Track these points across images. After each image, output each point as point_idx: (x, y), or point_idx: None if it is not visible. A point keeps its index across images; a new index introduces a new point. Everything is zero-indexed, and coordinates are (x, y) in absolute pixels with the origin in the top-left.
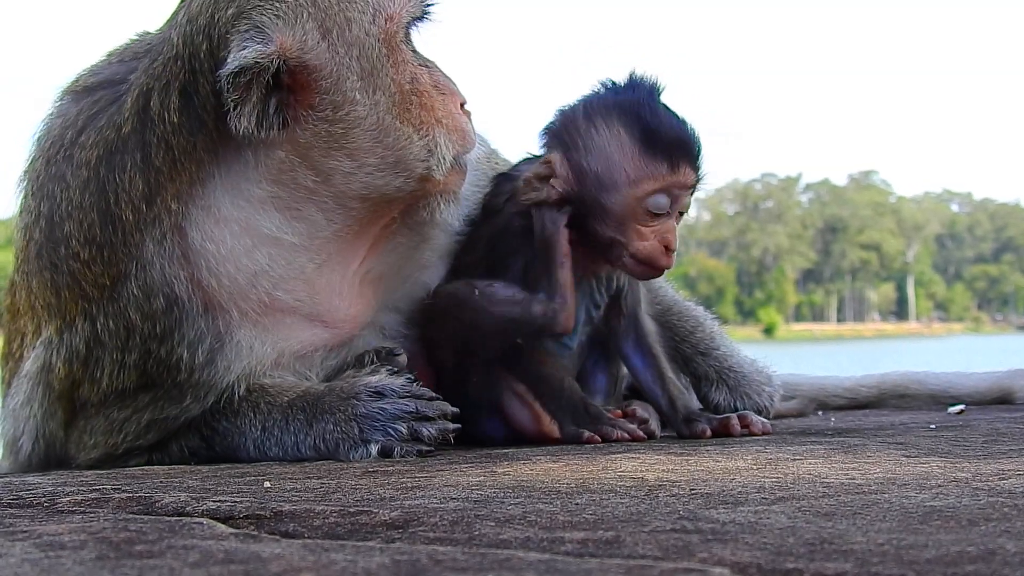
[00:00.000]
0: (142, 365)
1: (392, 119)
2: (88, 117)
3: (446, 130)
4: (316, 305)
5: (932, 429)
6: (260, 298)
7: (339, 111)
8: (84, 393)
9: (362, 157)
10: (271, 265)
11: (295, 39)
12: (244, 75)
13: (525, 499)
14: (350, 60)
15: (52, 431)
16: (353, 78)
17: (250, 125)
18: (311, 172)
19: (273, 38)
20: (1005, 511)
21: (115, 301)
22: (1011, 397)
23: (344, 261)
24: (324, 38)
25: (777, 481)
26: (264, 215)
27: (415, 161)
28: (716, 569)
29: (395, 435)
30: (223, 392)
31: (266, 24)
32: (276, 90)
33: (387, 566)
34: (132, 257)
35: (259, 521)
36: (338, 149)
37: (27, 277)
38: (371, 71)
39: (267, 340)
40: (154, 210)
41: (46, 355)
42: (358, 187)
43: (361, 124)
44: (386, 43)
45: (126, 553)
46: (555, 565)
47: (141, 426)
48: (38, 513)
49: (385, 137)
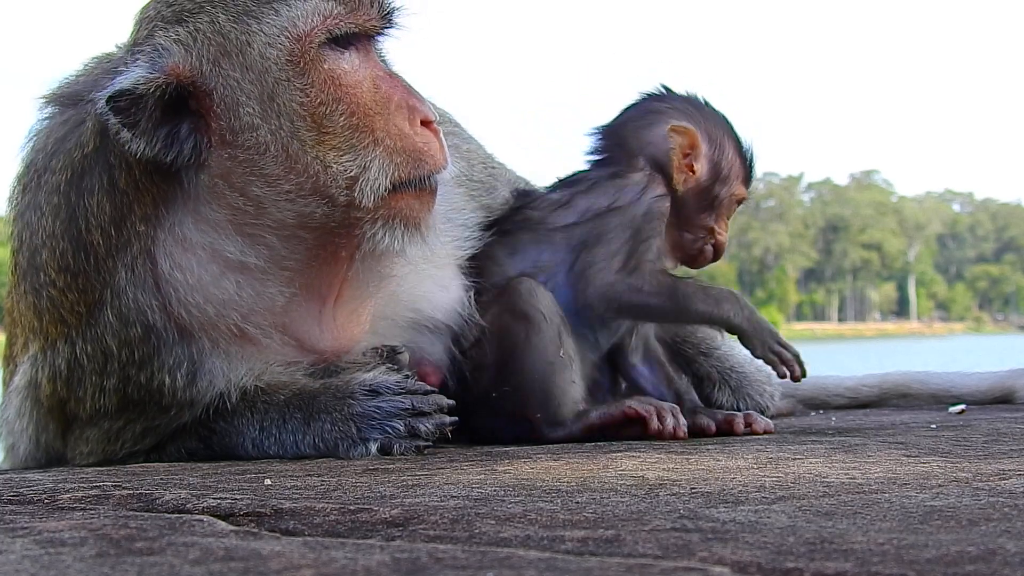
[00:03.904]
0: (122, 389)
1: (300, 144)
2: (57, 140)
3: (385, 152)
4: (292, 334)
5: (933, 429)
6: (229, 328)
7: (239, 136)
8: (72, 408)
9: (277, 183)
10: (239, 294)
11: (189, 64)
12: (122, 98)
13: (525, 497)
14: (247, 84)
15: (48, 441)
16: (251, 103)
17: (150, 148)
18: (241, 197)
19: (164, 63)
20: (1005, 511)
21: (92, 327)
22: (1012, 397)
23: (316, 296)
24: (219, 63)
25: (777, 480)
26: (226, 239)
27: (334, 188)
28: (716, 568)
29: (393, 433)
30: (211, 403)
31: (163, 48)
32: (189, 115)
33: (387, 564)
34: (106, 284)
35: (259, 518)
36: (252, 175)
37: (17, 298)
38: (271, 96)
39: (242, 367)
40: (124, 234)
41: (32, 371)
42: (290, 215)
43: (267, 150)
44: (293, 65)
45: (126, 550)
46: (555, 563)
47: (137, 433)
48: (38, 510)
49: (295, 164)
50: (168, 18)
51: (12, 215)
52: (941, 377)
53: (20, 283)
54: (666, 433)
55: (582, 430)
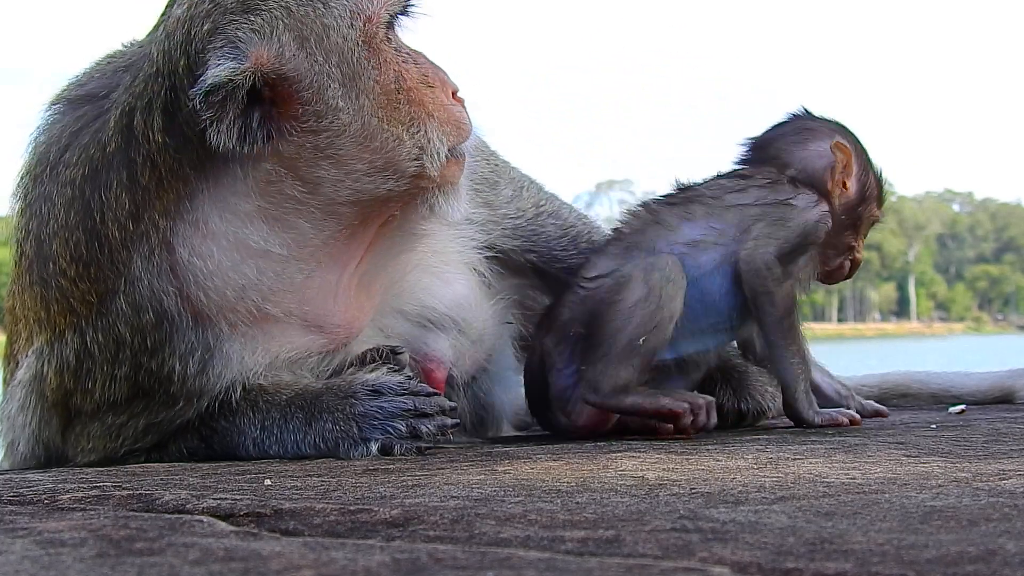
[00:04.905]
0: (133, 377)
1: (378, 122)
2: (72, 134)
3: (438, 123)
4: (308, 313)
5: (933, 429)
6: (249, 310)
7: (323, 120)
8: (77, 402)
9: (350, 163)
10: (259, 278)
11: (271, 52)
12: (217, 93)
13: (525, 498)
14: (330, 67)
15: (49, 437)
16: (335, 85)
17: (230, 141)
18: (298, 182)
19: (248, 53)
20: (1005, 511)
21: (104, 316)
22: (1012, 397)
23: (337, 266)
24: (301, 48)
25: (777, 481)
26: (252, 228)
27: (406, 161)
28: (716, 568)
29: (394, 433)
30: (218, 396)
31: (241, 39)
32: (258, 104)
33: (387, 564)
34: (120, 274)
35: (259, 519)
36: (325, 158)
37: (20, 291)
38: (352, 76)
39: (257, 349)
40: (141, 227)
41: (38, 365)
42: (347, 193)
43: (346, 131)
44: (366, 45)
45: (126, 550)
46: (555, 564)
47: (139, 430)
48: (38, 510)
49: (372, 141)
50: (233, 9)
51: (20, 206)
52: (941, 377)
53: (25, 274)
54: (698, 424)
55: (615, 405)
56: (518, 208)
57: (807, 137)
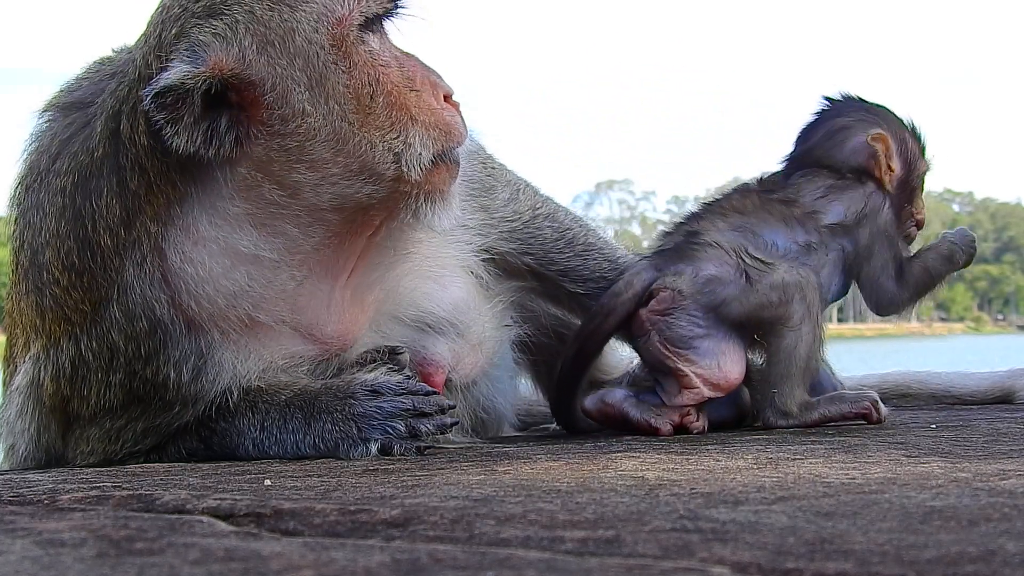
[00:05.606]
0: (128, 383)
1: (349, 126)
2: (62, 142)
3: (422, 127)
4: (300, 322)
5: (932, 429)
6: (240, 318)
7: (290, 124)
8: (75, 407)
9: (324, 168)
10: (250, 284)
11: (231, 56)
12: (168, 95)
13: (525, 498)
14: (294, 71)
15: (49, 441)
16: (299, 89)
17: (192, 144)
18: (276, 187)
19: (206, 57)
20: (1005, 511)
21: (97, 324)
22: (1012, 397)
23: (329, 275)
24: (263, 52)
25: (777, 481)
26: (241, 233)
27: (382, 165)
28: (716, 569)
29: (394, 433)
30: (214, 400)
31: (201, 43)
32: (226, 108)
33: (387, 564)
34: (112, 282)
35: (259, 519)
36: (298, 162)
37: (17, 297)
38: (320, 80)
39: (251, 357)
40: (133, 233)
41: (35, 371)
42: (328, 198)
43: (317, 135)
44: (336, 48)
45: (126, 551)
46: (555, 564)
47: (137, 433)
48: (38, 510)
49: (344, 144)
50: (199, 13)
51: (14, 215)
52: (941, 377)
53: (21, 282)
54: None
55: (804, 424)
56: (515, 211)
57: (845, 136)
